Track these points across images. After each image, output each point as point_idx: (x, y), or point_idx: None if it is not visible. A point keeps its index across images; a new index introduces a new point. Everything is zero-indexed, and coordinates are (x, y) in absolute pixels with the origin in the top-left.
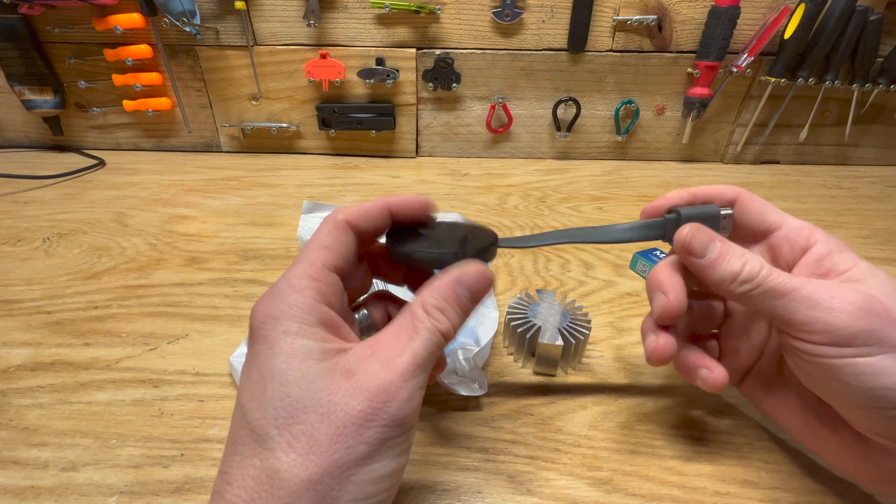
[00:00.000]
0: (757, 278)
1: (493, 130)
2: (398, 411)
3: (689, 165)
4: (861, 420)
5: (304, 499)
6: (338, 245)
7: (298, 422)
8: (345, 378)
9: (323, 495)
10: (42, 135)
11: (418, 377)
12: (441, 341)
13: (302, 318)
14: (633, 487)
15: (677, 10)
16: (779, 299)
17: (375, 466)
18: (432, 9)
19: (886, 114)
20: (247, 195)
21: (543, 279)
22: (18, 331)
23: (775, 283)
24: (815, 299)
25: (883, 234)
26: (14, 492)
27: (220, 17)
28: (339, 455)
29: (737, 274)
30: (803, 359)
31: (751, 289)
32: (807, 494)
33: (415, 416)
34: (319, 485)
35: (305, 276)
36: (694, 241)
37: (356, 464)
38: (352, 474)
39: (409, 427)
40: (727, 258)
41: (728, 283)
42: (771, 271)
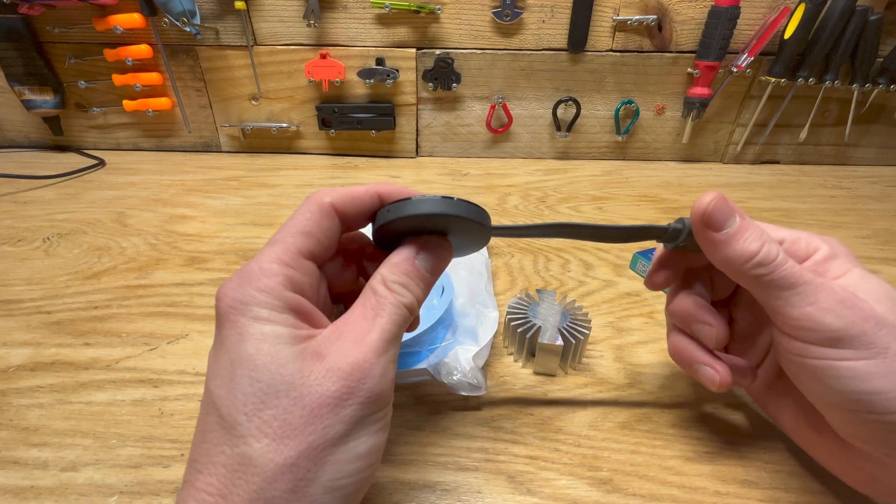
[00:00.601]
0: (773, 264)
1: (493, 130)
2: (373, 388)
3: (689, 165)
4: (841, 423)
5: (280, 483)
6: (318, 231)
7: (269, 406)
8: (316, 360)
9: (299, 478)
10: (42, 135)
11: (389, 352)
12: (406, 314)
13: (271, 305)
14: (633, 487)
15: (677, 10)
16: (785, 290)
17: (352, 445)
18: (432, 9)
19: (886, 114)
20: (247, 195)
21: (543, 279)
22: (18, 331)
23: (788, 273)
24: (816, 297)
25: (883, 234)
26: (14, 492)
27: (220, 17)
28: (315, 437)
29: (753, 255)
30: (789, 358)
31: (764, 273)
32: (807, 494)
33: (390, 391)
34: (295, 468)
35: (278, 260)
36: (715, 210)
37: (333, 444)
38: (328, 455)
39: (386, 402)
40: (745, 235)
41: (741, 263)
42: (786, 259)
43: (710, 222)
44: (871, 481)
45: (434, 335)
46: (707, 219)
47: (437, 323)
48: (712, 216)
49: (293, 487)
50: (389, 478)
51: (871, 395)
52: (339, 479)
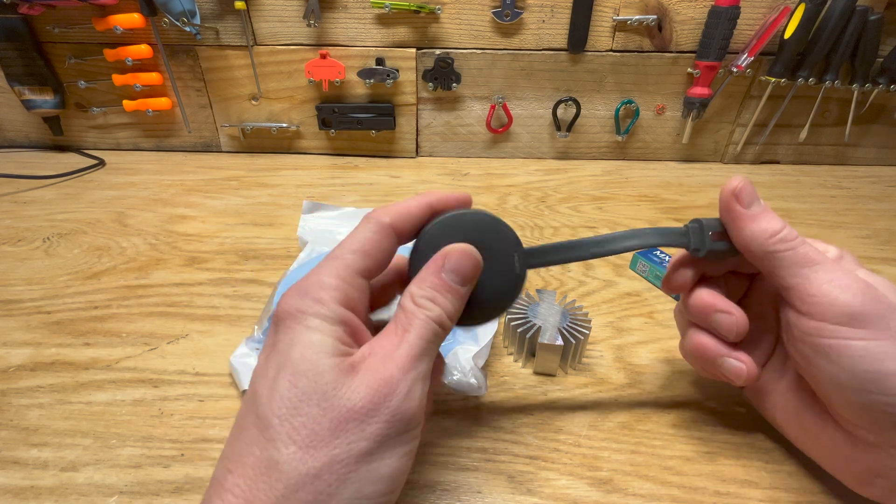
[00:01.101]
0: (794, 241)
1: (493, 130)
2: (400, 405)
3: (689, 165)
4: (849, 409)
5: (302, 493)
6: (376, 251)
7: (301, 413)
8: (348, 374)
9: (320, 491)
10: (42, 135)
11: (418, 368)
12: (437, 329)
13: (324, 316)
14: (633, 487)
15: (677, 10)
16: (804, 267)
17: (377, 465)
18: (432, 9)
19: (886, 114)
20: (247, 195)
21: (543, 279)
22: (18, 331)
23: (809, 249)
24: (833, 276)
25: (883, 234)
26: (14, 492)
27: (220, 17)
28: (340, 450)
29: (777, 231)
30: (803, 339)
31: (785, 248)
32: (807, 494)
33: (418, 412)
34: (318, 480)
35: (337, 276)
36: (744, 190)
37: (356, 460)
38: (351, 471)
39: (413, 425)
40: (769, 216)
41: (766, 237)
42: (804, 241)
43: (741, 198)
44: (871, 478)
45: None
46: (738, 193)
47: None
48: (742, 192)
49: (313, 500)
50: None
51: (885, 375)
52: (358, 498)
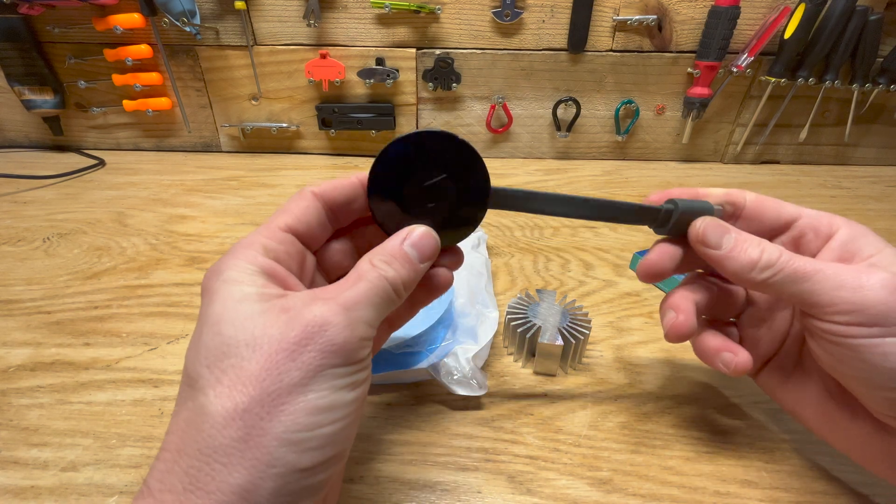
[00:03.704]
0: (777, 264)
1: (493, 130)
2: (335, 337)
3: (689, 165)
4: (884, 404)
5: (230, 429)
6: (296, 209)
7: (229, 356)
8: (279, 315)
9: (251, 425)
10: (42, 135)
11: (361, 311)
12: (387, 286)
13: (242, 268)
14: (633, 487)
15: (677, 10)
16: (802, 283)
17: (311, 397)
18: (432, 9)
19: (886, 114)
20: (247, 195)
21: (543, 279)
22: (18, 331)
23: (797, 266)
24: (840, 280)
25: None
26: (14, 492)
27: (220, 17)
28: (269, 382)
29: (755, 261)
30: (829, 340)
31: (772, 275)
32: (807, 494)
33: (357, 346)
34: (247, 413)
35: (258, 234)
36: (708, 232)
37: (288, 392)
38: (283, 403)
39: (351, 357)
40: (744, 247)
41: (748, 272)
42: (791, 256)
43: (707, 242)
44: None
45: (434, 335)
46: (703, 240)
47: (437, 323)
48: (707, 237)
49: (244, 436)
50: (389, 478)
51: None
52: (295, 431)
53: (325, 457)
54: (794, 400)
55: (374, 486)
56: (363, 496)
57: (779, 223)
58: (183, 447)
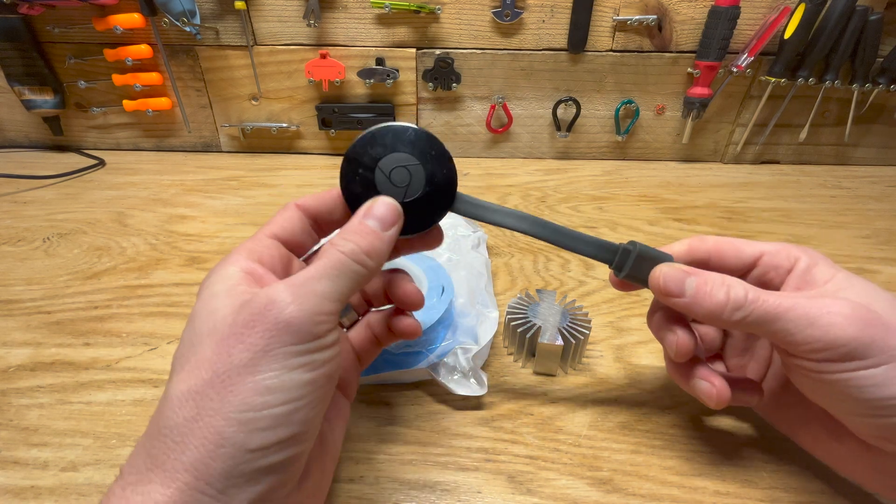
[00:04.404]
0: (746, 303)
1: (493, 130)
2: (280, 313)
3: (689, 165)
4: (866, 429)
5: (183, 409)
6: (280, 219)
7: (194, 345)
8: (242, 302)
9: (202, 406)
10: (42, 135)
11: (314, 286)
12: (345, 259)
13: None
14: (633, 487)
15: (677, 10)
16: (774, 323)
17: (260, 377)
18: (432, 9)
19: (886, 114)
20: (247, 195)
21: (543, 279)
22: (18, 331)
23: (767, 307)
24: (811, 317)
25: (883, 234)
26: (14, 492)
27: (220, 17)
28: (220, 364)
29: (723, 304)
30: (805, 375)
31: (744, 315)
32: (807, 494)
33: (308, 321)
34: (199, 395)
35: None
36: (668, 281)
37: (238, 372)
38: (232, 384)
39: (303, 334)
40: (708, 289)
41: (718, 315)
42: (758, 294)
43: (669, 291)
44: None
45: (434, 335)
46: (665, 290)
47: (437, 323)
48: (668, 287)
49: (195, 415)
50: (389, 478)
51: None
52: (245, 411)
53: (278, 437)
54: (786, 422)
55: (374, 486)
56: (363, 496)
57: (742, 264)
58: (148, 431)
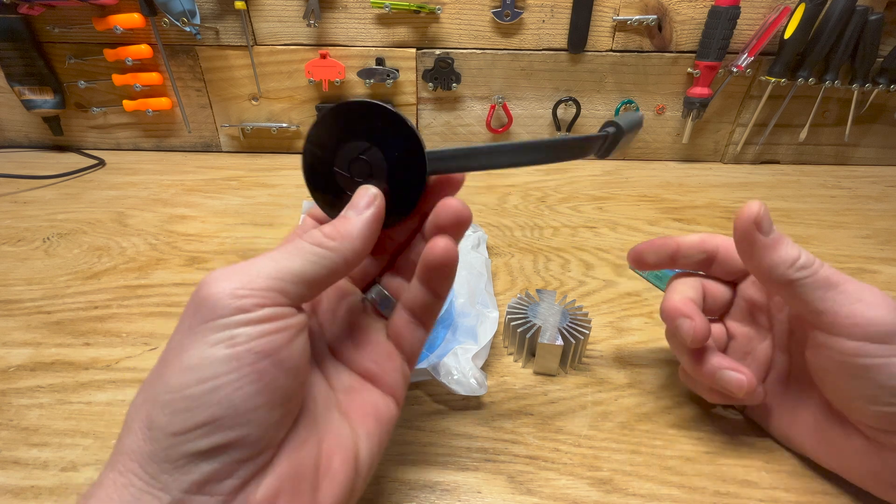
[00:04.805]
0: (813, 266)
1: (493, 130)
2: (200, 290)
3: (689, 165)
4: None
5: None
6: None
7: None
8: None
9: (145, 392)
10: (42, 135)
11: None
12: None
13: None
14: (633, 487)
15: (677, 10)
16: (829, 290)
17: (186, 356)
18: (432, 9)
19: (886, 114)
20: (247, 195)
21: (543, 279)
22: (18, 331)
23: (830, 272)
24: (861, 295)
25: (883, 234)
26: (14, 492)
27: (220, 17)
28: (165, 352)
29: (795, 259)
30: (832, 356)
31: (806, 275)
32: (807, 494)
33: (228, 297)
34: (146, 383)
35: None
36: (764, 218)
37: (170, 356)
38: (165, 367)
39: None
40: (786, 242)
41: (786, 266)
42: (822, 263)
43: (762, 226)
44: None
45: (434, 335)
46: (759, 222)
47: (437, 323)
48: (763, 220)
49: (141, 401)
50: (389, 477)
51: None
52: (165, 392)
53: (196, 420)
54: (787, 425)
55: (373, 485)
56: (363, 496)
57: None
58: None
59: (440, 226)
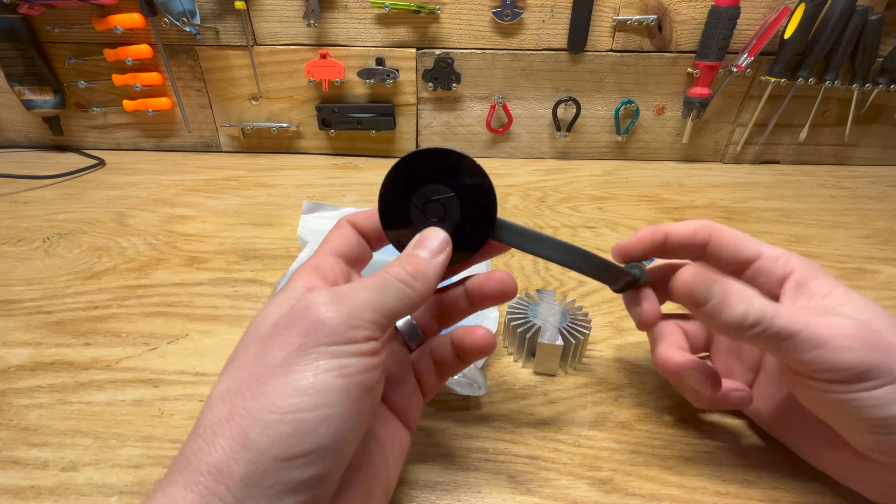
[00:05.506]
0: (764, 320)
1: (493, 130)
2: (317, 314)
3: (689, 165)
4: (865, 444)
5: (219, 408)
6: (338, 237)
7: (240, 350)
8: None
9: (235, 405)
10: (42, 135)
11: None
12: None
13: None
14: (633, 487)
15: (677, 10)
16: (785, 341)
17: (291, 378)
18: (432, 9)
19: (886, 114)
20: (247, 195)
21: (543, 279)
22: (18, 331)
23: (781, 325)
24: (821, 339)
25: (883, 234)
26: (14, 492)
27: (220, 17)
28: (257, 364)
29: (743, 317)
30: (809, 393)
31: (759, 332)
32: (807, 494)
33: (344, 324)
34: (234, 394)
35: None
36: (696, 287)
37: (273, 372)
38: (265, 383)
39: (337, 335)
40: (730, 301)
41: (736, 328)
42: (775, 310)
43: (696, 300)
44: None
45: None
46: (692, 298)
47: None
48: (695, 294)
49: (227, 414)
50: None
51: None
52: (270, 412)
53: (302, 447)
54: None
55: None
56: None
57: (736, 262)
58: (190, 432)
59: (486, 295)
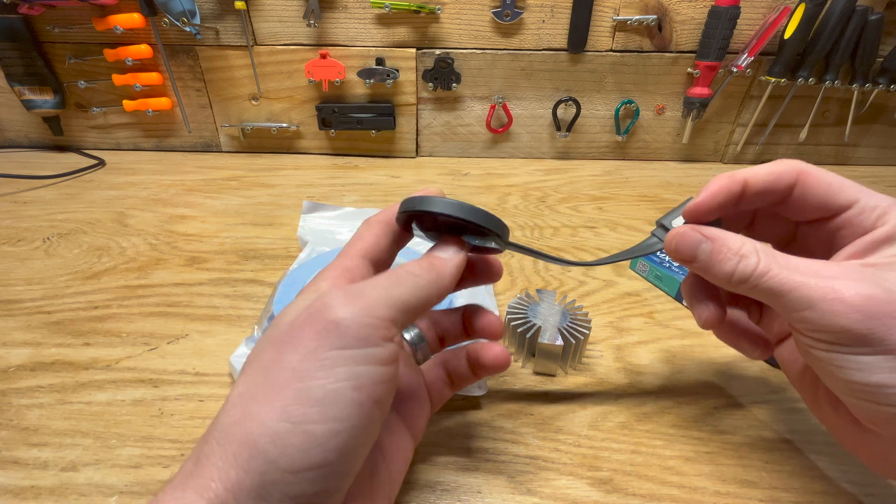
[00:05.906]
0: (752, 277)
1: (493, 130)
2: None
3: (689, 165)
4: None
5: (232, 412)
6: (367, 236)
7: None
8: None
9: (248, 408)
10: (42, 135)
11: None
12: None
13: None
14: (633, 487)
15: (677, 10)
16: (778, 298)
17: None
18: (432, 9)
19: (886, 114)
20: (247, 195)
21: (543, 279)
22: (18, 331)
23: (771, 284)
24: (811, 300)
25: None
26: (14, 492)
27: (220, 17)
28: (273, 367)
29: (730, 274)
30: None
31: (752, 285)
32: (807, 494)
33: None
34: (248, 397)
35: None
36: (680, 246)
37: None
38: (278, 388)
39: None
40: (720, 258)
41: (725, 283)
42: (767, 269)
43: (682, 257)
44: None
45: None
46: (678, 256)
47: None
48: (680, 252)
49: (240, 418)
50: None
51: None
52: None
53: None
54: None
55: None
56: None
57: (825, 211)
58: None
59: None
